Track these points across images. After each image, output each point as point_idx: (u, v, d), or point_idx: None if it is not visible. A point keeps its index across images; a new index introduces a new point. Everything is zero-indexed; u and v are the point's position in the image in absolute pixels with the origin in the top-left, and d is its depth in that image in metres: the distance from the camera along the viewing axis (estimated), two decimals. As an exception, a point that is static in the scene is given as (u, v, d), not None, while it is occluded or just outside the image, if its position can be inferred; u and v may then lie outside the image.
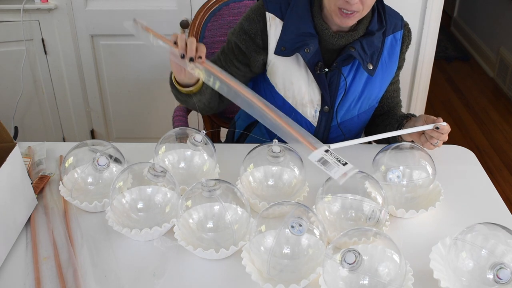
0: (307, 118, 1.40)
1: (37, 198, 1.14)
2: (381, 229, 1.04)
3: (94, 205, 1.11)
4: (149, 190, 1.10)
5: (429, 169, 1.16)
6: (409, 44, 1.42)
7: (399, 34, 1.38)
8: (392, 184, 1.15)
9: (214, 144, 1.21)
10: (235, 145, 1.46)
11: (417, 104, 2.48)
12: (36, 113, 2.42)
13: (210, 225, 1.04)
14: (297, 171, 1.17)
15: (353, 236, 0.95)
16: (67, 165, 1.16)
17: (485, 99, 3.44)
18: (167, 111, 2.32)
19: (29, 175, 1.17)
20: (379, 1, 1.34)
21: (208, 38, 1.70)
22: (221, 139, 1.87)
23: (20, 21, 2.16)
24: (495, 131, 3.10)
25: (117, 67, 2.37)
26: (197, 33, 1.68)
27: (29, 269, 0.98)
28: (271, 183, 1.18)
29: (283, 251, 0.95)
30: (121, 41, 2.29)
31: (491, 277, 0.87)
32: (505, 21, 3.50)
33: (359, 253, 0.86)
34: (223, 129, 1.83)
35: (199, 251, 0.99)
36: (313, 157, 0.99)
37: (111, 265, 0.99)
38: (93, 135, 2.55)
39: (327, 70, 1.33)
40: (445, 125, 1.23)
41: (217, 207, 1.04)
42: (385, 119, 1.46)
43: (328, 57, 1.34)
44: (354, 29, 1.32)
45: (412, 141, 1.30)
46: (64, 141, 2.49)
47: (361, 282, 0.88)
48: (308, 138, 1.04)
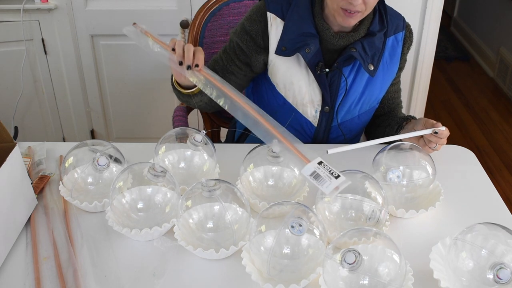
0: (307, 118, 1.40)
1: (37, 198, 1.14)
2: (381, 229, 1.04)
3: (94, 205, 1.11)
4: (149, 190, 1.10)
5: (429, 169, 1.16)
6: (411, 45, 1.42)
7: (400, 35, 1.38)
8: (392, 184, 1.15)
9: (214, 144, 1.21)
10: (235, 145, 1.46)
11: (417, 104, 2.48)
12: (36, 113, 2.42)
13: (210, 225, 1.04)
14: (297, 171, 1.17)
15: (353, 236, 0.95)
16: (67, 165, 1.16)
17: (485, 99, 3.44)
18: (167, 111, 2.32)
19: (29, 175, 1.17)
20: (380, 1, 1.33)
21: (208, 38, 1.70)
22: (221, 139, 1.87)
23: (20, 21, 2.16)
24: (495, 131, 3.10)
25: (117, 67, 2.36)
26: (197, 33, 1.68)
27: (29, 269, 0.98)
28: (271, 183, 1.18)
29: (283, 251, 0.95)
30: (121, 41, 2.29)
31: (491, 277, 0.87)
32: (505, 21, 3.50)
33: (359, 253, 0.86)
34: (223, 129, 1.83)
35: (199, 251, 0.99)
36: (305, 172, 0.98)
37: (111, 265, 0.99)
38: (93, 135, 2.55)
39: (327, 70, 1.33)
40: (444, 130, 1.23)
41: (217, 207, 1.04)
42: (385, 120, 1.46)
43: (329, 57, 1.34)
44: (355, 29, 1.32)
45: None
46: (64, 141, 2.49)
47: (361, 282, 0.89)
48: (302, 149, 1.02)
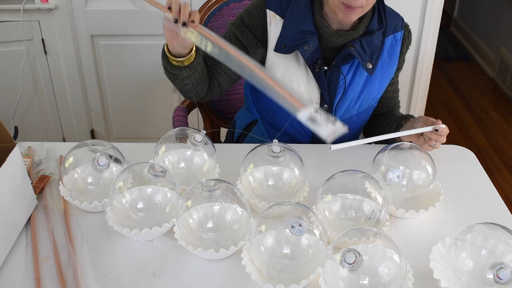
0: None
1: (37, 198, 1.14)
2: (381, 229, 1.04)
3: (94, 205, 1.11)
4: (149, 190, 1.10)
5: (429, 169, 1.16)
6: (409, 45, 1.42)
7: (399, 34, 1.38)
8: (392, 184, 1.15)
9: (214, 144, 1.21)
10: (235, 145, 1.46)
11: (417, 104, 2.48)
12: (36, 113, 2.42)
13: (210, 225, 1.04)
14: (297, 171, 1.17)
15: (353, 236, 0.95)
16: (67, 165, 1.15)
17: (485, 99, 3.44)
18: (167, 111, 2.32)
19: (29, 175, 1.17)
20: (379, 1, 1.33)
21: (208, 38, 1.70)
22: (221, 139, 1.87)
23: (20, 21, 2.16)
24: (495, 131, 3.10)
25: (117, 67, 2.36)
26: (197, 33, 1.68)
27: (29, 269, 0.98)
28: (271, 183, 1.18)
29: (283, 251, 0.95)
30: (121, 41, 2.29)
31: (491, 277, 0.87)
32: (505, 21, 3.50)
33: (359, 253, 0.85)
34: (223, 129, 1.83)
35: (199, 251, 0.99)
36: (301, 114, 0.96)
37: (111, 265, 0.99)
38: (93, 135, 2.55)
39: (326, 68, 1.33)
40: (444, 128, 1.23)
41: (217, 207, 1.04)
42: (383, 119, 1.46)
43: (327, 55, 1.34)
44: (354, 27, 1.32)
45: (410, 142, 1.30)
46: (64, 141, 2.49)
47: (361, 282, 0.88)
48: (297, 97, 1.02)
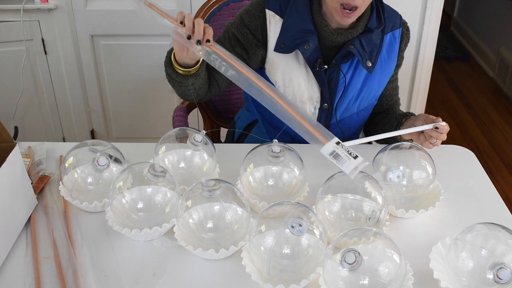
0: (306, 115, 1.40)
1: (37, 198, 1.14)
2: (381, 229, 1.04)
3: (94, 205, 1.11)
4: (149, 190, 1.10)
5: (429, 169, 1.16)
6: (408, 42, 1.43)
7: (397, 32, 1.39)
8: (392, 184, 1.15)
9: (214, 144, 1.21)
10: (235, 145, 1.46)
11: (417, 104, 2.48)
12: (36, 113, 2.42)
13: (210, 225, 1.04)
14: (297, 171, 1.17)
15: (353, 236, 0.95)
16: (67, 165, 1.15)
17: (485, 99, 3.44)
18: (167, 111, 2.32)
19: (29, 175, 1.17)
20: None
21: (208, 38, 1.69)
22: (221, 139, 1.87)
23: (20, 21, 2.16)
24: (495, 131, 3.10)
25: (117, 67, 2.36)
26: (197, 33, 1.68)
27: (29, 269, 0.98)
28: (271, 183, 1.18)
29: (283, 251, 0.95)
30: (121, 41, 2.29)
31: (491, 277, 0.87)
32: (505, 21, 3.50)
33: (359, 253, 0.85)
34: (223, 129, 1.83)
35: (199, 251, 0.99)
36: (325, 151, 0.98)
37: (111, 265, 0.99)
38: (93, 135, 2.55)
39: (326, 67, 1.33)
40: (445, 125, 1.24)
41: (217, 207, 1.04)
42: (384, 118, 1.46)
43: (327, 54, 1.34)
44: (353, 26, 1.32)
45: (411, 140, 1.30)
46: (64, 141, 2.49)
47: (361, 282, 0.88)
48: (318, 129, 1.02)
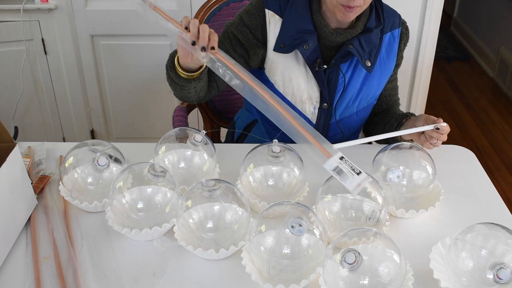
0: (306, 115, 1.40)
1: (37, 198, 1.14)
2: (381, 229, 1.04)
3: (94, 205, 1.11)
4: (149, 190, 1.10)
5: (429, 169, 1.16)
6: (407, 41, 1.43)
7: (397, 31, 1.39)
8: (392, 184, 1.15)
9: (214, 144, 1.21)
10: (235, 145, 1.46)
11: (417, 104, 2.48)
12: (36, 113, 2.42)
13: (210, 225, 1.04)
14: (297, 171, 1.17)
15: (353, 236, 0.95)
16: (67, 165, 1.15)
17: (485, 99, 3.44)
18: (167, 111, 2.32)
19: (29, 175, 1.17)
20: None
21: (208, 38, 1.69)
22: (221, 139, 1.87)
23: (20, 21, 2.16)
24: (495, 131, 3.10)
25: (117, 67, 2.36)
26: (197, 33, 1.68)
27: (29, 269, 0.98)
28: (271, 183, 1.18)
29: (283, 251, 0.95)
30: (121, 41, 2.29)
31: (491, 277, 0.87)
32: (505, 21, 3.50)
33: (359, 253, 0.85)
34: (223, 129, 1.83)
35: (199, 251, 0.99)
36: (328, 166, 0.97)
37: (111, 265, 0.99)
38: (93, 135, 2.55)
39: (325, 67, 1.33)
40: (445, 126, 1.23)
41: (217, 207, 1.04)
42: (384, 118, 1.46)
43: (326, 54, 1.35)
44: (352, 26, 1.32)
45: (411, 140, 1.30)
46: (64, 141, 2.49)
47: (361, 282, 0.88)
48: (322, 143, 1.00)
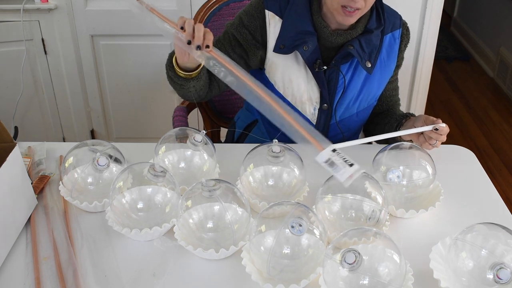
0: (306, 116, 1.40)
1: (37, 198, 1.14)
2: (381, 229, 1.04)
3: (94, 205, 1.11)
4: (149, 190, 1.10)
5: (429, 169, 1.16)
6: (408, 42, 1.43)
7: (397, 32, 1.39)
8: (392, 184, 1.15)
9: (214, 144, 1.21)
10: (235, 145, 1.46)
11: (417, 104, 2.48)
12: (36, 113, 2.42)
13: (210, 225, 1.04)
14: (297, 171, 1.17)
15: (353, 236, 0.95)
16: (67, 165, 1.15)
17: (485, 99, 3.44)
18: (167, 111, 2.32)
19: (29, 175, 1.17)
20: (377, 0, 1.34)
21: (208, 38, 1.69)
22: (221, 139, 1.87)
23: (20, 21, 2.16)
24: (495, 131, 3.10)
25: (117, 67, 2.36)
26: (197, 33, 1.68)
27: (29, 269, 0.98)
28: (271, 183, 1.18)
29: (283, 251, 0.95)
30: (121, 41, 2.29)
31: (491, 277, 0.87)
32: (505, 21, 3.50)
33: (359, 253, 0.86)
34: (223, 129, 1.83)
35: (199, 251, 0.99)
36: (320, 158, 0.97)
37: (111, 265, 0.99)
38: (93, 135, 2.55)
39: (325, 68, 1.33)
40: (444, 127, 1.23)
41: (217, 207, 1.04)
42: (384, 118, 1.46)
43: (326, 55, 1.34)
44: (352, 27, 1.32)
45: (410, 141, 1.30)
46: (64, 141, 2.49)
47: (361, 282, 0.88)
48: (315, 136, 1.00)
